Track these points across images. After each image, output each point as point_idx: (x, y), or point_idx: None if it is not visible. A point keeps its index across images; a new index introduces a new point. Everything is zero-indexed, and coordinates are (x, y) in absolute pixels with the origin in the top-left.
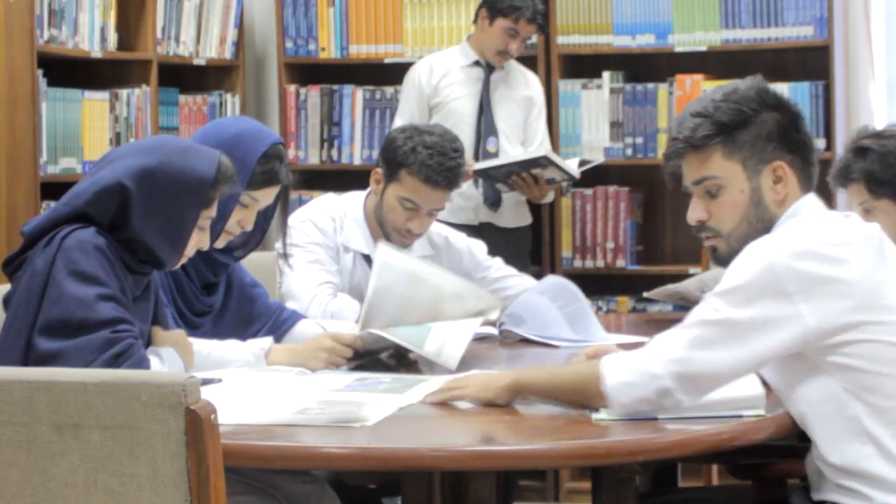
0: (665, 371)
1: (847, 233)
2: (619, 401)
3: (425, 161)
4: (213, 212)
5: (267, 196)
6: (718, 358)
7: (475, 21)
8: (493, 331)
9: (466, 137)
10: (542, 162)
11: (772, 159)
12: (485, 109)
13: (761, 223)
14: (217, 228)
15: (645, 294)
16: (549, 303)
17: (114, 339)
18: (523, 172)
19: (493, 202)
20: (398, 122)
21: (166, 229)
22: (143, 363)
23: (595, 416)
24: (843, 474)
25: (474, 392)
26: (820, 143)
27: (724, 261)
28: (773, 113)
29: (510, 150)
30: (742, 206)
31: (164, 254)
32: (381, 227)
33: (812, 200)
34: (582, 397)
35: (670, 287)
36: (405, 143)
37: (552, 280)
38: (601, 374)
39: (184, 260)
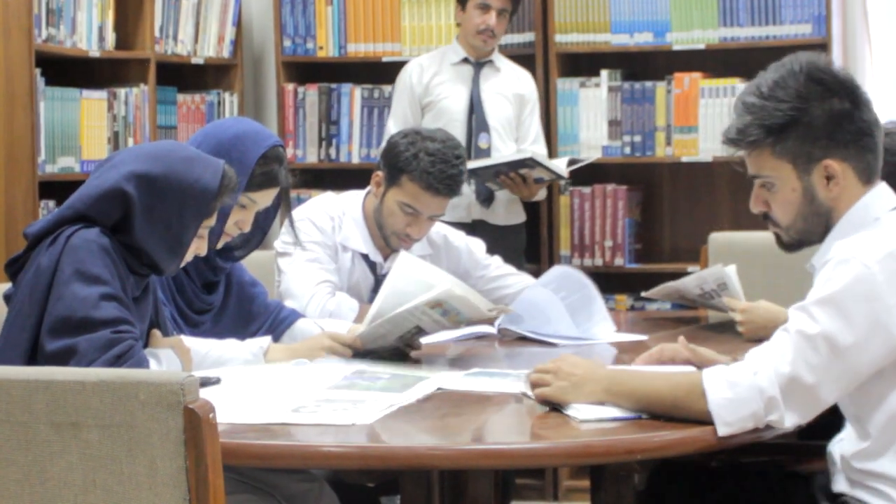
0: (774, 385)
1: None
2: (725, 419)
3: (427, 168)
4: (213, 221)
5: (265, 198)
6: (822, 381)
7: (457, 20)
8: (492, 329)
9: (458, 135)
10: (528, 163)
11: (821, 157)
12: (475, 106)
13: (817, 218)
14: (215, 229)
15: (643, 294)
16: (551, 295)
17: (115, 339)
18: (511, 172)
19: (486, 199)
20: (391, 123)
21: (167, 239)
22: (142, 364)
23: (577, 416)
24: (872, 477)
25: (560, 395)
26: None
27: (787, 248)
28: (824, 104)
29: (502, 146)
30: (795, 203)
31: (164, 262)
32: (380, 230)
33: (880, 196)
34: (681, 413)
35: (668, 285)
36: (407, 149)
37: (557, 270)
38: (705, 391)
39: (182, 264)
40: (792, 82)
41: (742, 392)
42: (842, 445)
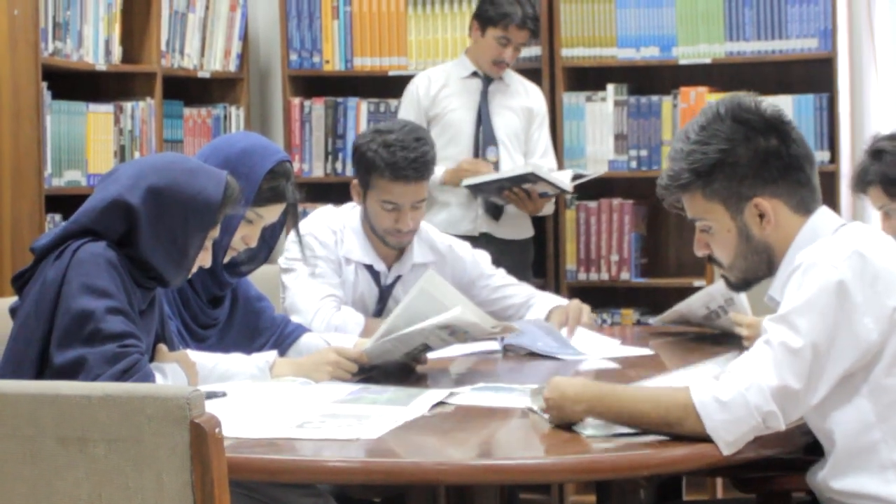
0: (768, 399)
1: (886, 237)
2: (726, 439)
3: (389, 160)
4: (217, 232)
5: (272, 213)
6: (809, 384)
7: (469, 34)
8: (496, 346)
9: (465, 148)
10: (529, 178)
11: (750, 196)
12: (483, 119)
13: (757, 256)
14: (222, 243)
15: (651, 321)
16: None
17: (121, 353)
18: (514, 188)
19: (495, 212)
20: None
21: (172, 251)
22: (148, 378)
23: (584, 432)
24: (854, 497)
25: (556, 420)
26: (824, 156)
27: (735, 288)
28: (749, 143)
29: (510, 160)
30: (732, 243)
31: (169, 274)
32: (375, 235)
33: (823, 216)
34: (677, 433)
35: (674, 311)
36: (368, 149)
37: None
38: (699, 414)
39: (188, 276)
40: (717, 125)
41: (737, 411)
42: (818, 472)
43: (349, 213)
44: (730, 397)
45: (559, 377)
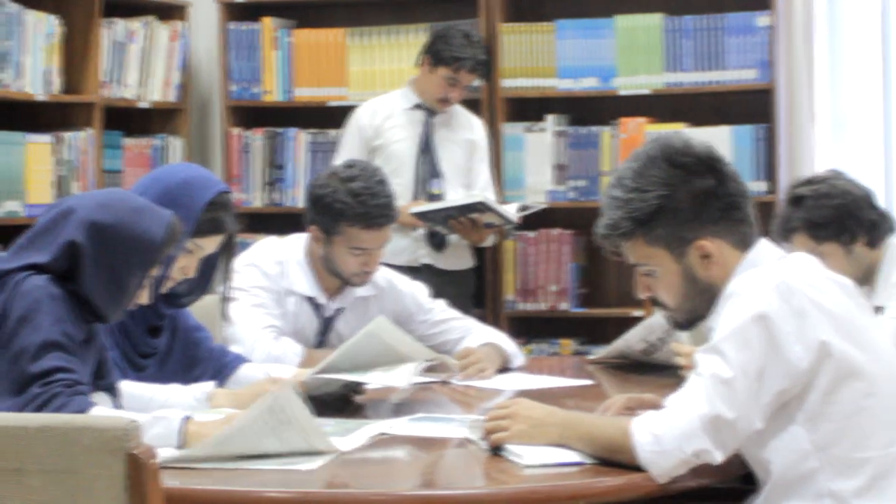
0: (698, 431)
1: (820, 270)
2: (656, 472)
3: (360, 210)
4: (157, 270)
5: (211, 244)
6: (742, 414)
7: (418, 64)
8: (436, 377)
9: (408, 180)
10: (479, 207)
11: (693, 238)
12: (426, 152)
13: (702, 296)
14: (161, 273)
15: (590, 358)
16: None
17: (39, 393)
18: (461, 217)
19: (439, 243)
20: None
21: (112, 289)
22: (62, 409)
23: (521, 461)
24: None
25: (518, 437)
26: (762, 186)
27: (681, 327)
28: (687, 186)
29: (452, 193)
30: (677, 286)
31: (107, 310)
32: (338, 277)
33: (762, 249)
34: (621, 458)
35: (612, 348)
36: (333, 199)
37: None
38: (633, 444)
39: (125, 313)
40: (653, 171)
41: (667, 444)
42: (753, 503)
43: (293, 245)
44: (662, 431)
45: (525, 399)
